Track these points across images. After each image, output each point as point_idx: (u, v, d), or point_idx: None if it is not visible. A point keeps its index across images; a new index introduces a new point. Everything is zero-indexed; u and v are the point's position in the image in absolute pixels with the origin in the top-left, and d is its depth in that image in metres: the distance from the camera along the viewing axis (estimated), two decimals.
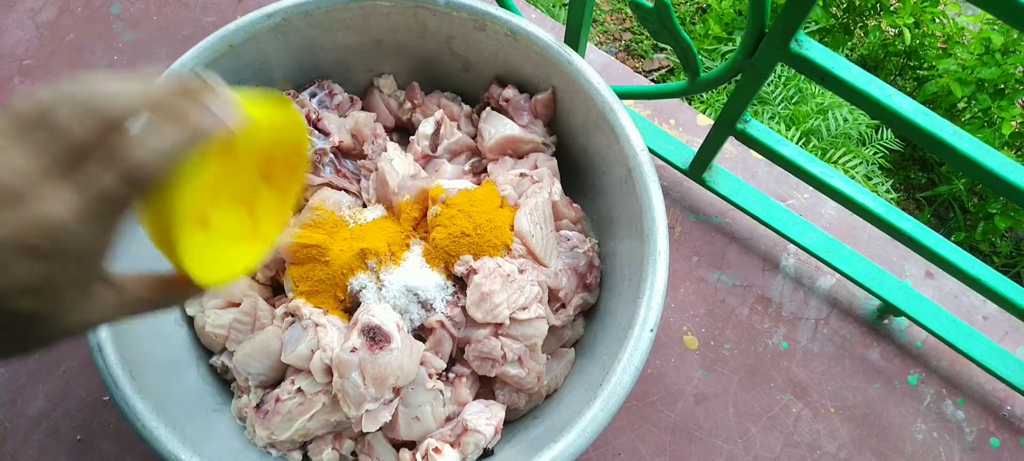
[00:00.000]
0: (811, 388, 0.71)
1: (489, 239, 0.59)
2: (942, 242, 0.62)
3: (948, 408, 0.71)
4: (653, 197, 0.55)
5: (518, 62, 0.66)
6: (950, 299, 0.75)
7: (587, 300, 0.64)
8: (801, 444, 0.69)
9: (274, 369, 0.57)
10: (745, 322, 0.73)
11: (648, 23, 0.58)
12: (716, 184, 0.75)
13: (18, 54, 0.85)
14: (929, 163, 1.65)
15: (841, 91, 0.52)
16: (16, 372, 0.69)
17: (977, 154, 0.48)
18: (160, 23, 0.87)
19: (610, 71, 0.87)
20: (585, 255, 0.63)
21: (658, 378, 0.71)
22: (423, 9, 0.63)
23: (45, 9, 0.88)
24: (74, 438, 0.67)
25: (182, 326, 0.62)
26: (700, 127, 0.84)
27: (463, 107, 0.71)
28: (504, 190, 0.63)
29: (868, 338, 0.73)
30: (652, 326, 0.51)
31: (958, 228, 1.54)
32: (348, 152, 0.67)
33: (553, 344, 0.62)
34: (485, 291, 0.55)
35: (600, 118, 0.60)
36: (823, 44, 0.56)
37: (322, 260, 0.59)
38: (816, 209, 0.79)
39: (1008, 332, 0.74)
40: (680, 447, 0.68)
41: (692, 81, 0.63)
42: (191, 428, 0.51)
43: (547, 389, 0.61)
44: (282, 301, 0.62)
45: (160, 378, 0.54)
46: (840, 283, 0.75)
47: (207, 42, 0.60)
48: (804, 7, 0.48)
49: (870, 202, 0.63)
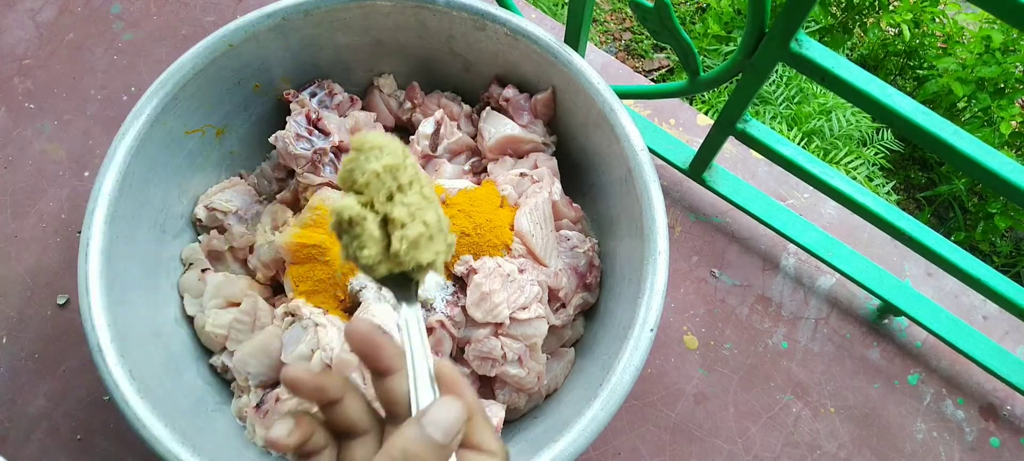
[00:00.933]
0: (811, 388, 0.71)
1: (489, 239, 0.59)
2: (942, 242, 0.62)
3: (948, 408, 0.71)
4: (653, 197, 0.55)
5: (518, 62, 0.66)
6: (950, 299, 0.75)
7: (587, 300, 0.64)
8: (801, 444, 0.69)
9: (274, 369, 0.57)
10: (745, 322, 0.73)
11: (648, 23, 0.58)
12: (716, 184, 0.75)
13: (18, 54, 0.85)
14: (929, 163, 1.65)
15: (841, 91, 0.52)
16: (16, 372, 0.69)
17: (977, 154, 0.48)
18: (160, 23, 0.87)
19: (610, 71, 0.87)
20: (585, 255, 0.63)
21: (658, 378, 0.71)
22: (423, 9, 0.63)
23: (45, 9, 0.88)
24: (74, 438, 0.67)
25: (182, 326, 0.62)
26: (700, 127, 0.84)
27: (463, 107, 0.71)
28: (504, 190, 0.63)
29: (868, 338, 0.73)
30: (652, 326, 0.51)
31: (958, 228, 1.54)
32: (348, 152, 0.67)
33: (553, 344, 0.62)
34: (485, 291, 0.55)
35: (600, 118, 0.60)
36: (823, 43, 0.56)
37: (322, 260, 0.59)
38: (816, 209, 0.79)
39: (1008, 332, 0.74)
40: (680, 447, 0.68)
41: (692, 81, 0.63)
42: (191, 428, 0.51)
43: (547, 389, 0.61)
44: (282, 301, 0.62)
45: (160, 378, 0.54)
46: (840, 283, 0.75)
47: (207, 42, 0.60)
48: (804, 6, 0.48)
49: (870, 202, 0.63)
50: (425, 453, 0.28)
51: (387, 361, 0.32)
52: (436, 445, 0.28)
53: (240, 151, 0.70)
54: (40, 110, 0.82)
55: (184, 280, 0.63)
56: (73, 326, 0.71)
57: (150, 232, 0.61)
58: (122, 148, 0.56)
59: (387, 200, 0.33)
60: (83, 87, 0.83)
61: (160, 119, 0.59)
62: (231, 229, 0.65)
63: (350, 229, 0.33)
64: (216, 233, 0.65)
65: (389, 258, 0.33)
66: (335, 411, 0.32)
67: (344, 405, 0.32)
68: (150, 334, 0.57)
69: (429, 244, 0.34)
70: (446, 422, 0.29)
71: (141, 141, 0.57)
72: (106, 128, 0.81)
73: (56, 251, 0.74)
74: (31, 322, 0.71)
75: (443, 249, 0.35)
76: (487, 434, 0.31)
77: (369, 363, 0.32)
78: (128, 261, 0.57)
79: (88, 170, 0.79)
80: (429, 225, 0.34)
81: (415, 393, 0.31)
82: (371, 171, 0.33)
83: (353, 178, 0.33)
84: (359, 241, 0.32)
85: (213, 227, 0.66)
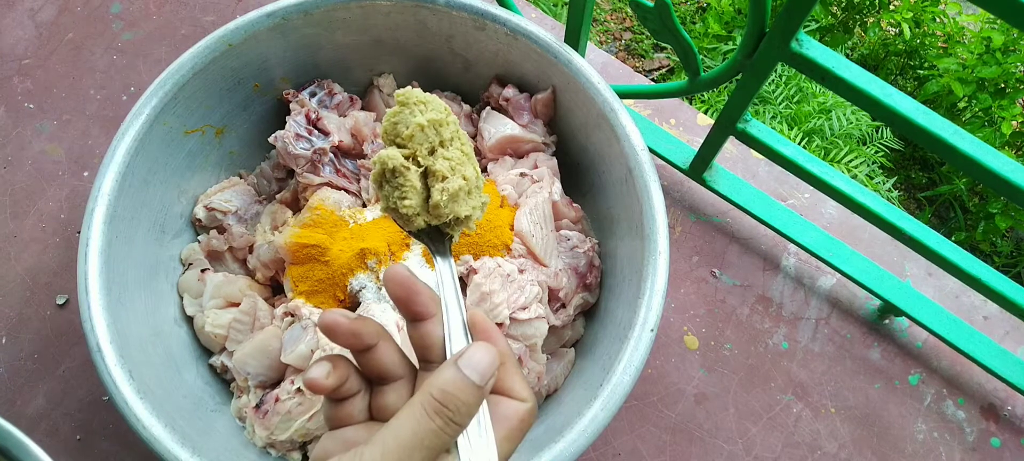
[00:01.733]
0: (811, 388, 0.71)
1: (489, 239, 0.59)
2: (943, 242, 0.62)
3: (949, 408, 0.71)
4: (653, 197, 0.55)
5: (518, 62, 0.65)
6: (951, 299, 0.75)
7: (587, 300, 0.63)
8: (801, 444, 0.69)
9: (274, 369, 0.57)
10: (745, 322, 0.73)
11: (648, 22, 0.58)
12: (716, 184, 0.75)
13: (17, 53, 0.85)
14: (930, 163, 1.65)
15: (842, 90, 0.51)
16: (16, 372, 0.69)
17: (978, 154, 0.48)
18: (159, 22, 0.87)
19: (610, 70, 0.86)
20: (585, 255, 0.63)
21: (658, 378, 0.71)
22: (423, 8, 0.63)
23: (45, 8, 0.88)
24: (74, 438, 0.67)
25: (181, 326, 0.62)
26: (700, 127, 0.84)
27: (463, 106, 0.71)
28: (504, 190, 0.63)
29: (869, 338, 0.73)
30: (652, 326, 0.51)
31: (959, 228, 1.54)
32: (348, 152, 0.67)
33: (553, 344, 0.62)
34: (485, 291, 0.55)
35: (600, 117, 0.60)
36: (823, 43, 0.56)
37: (322, 260, 0.59)
38: (816, 209, 0.79)
39: (1008, 332, 0.74)
40: (680, 447, 0.68)
41: (692, 81, 0.63)
42: (190, 428, 0.51)
43: (547, 389, 0.61)
44: (282, 301, 0.62)
45: (159, 378, 0.54)
46: (841, 283, 0.75)
47: (206, 42, 0.60)
48: (805, 6, 0.48)
49: (871, 202, 0.62)
50: (462, 393, 0.29)
51: (422, 306, 0.33)
52: (473, 386, 0.29)
53: (240, 151, 0.69)
54: (39, 110, 0.82)
55: (184, 280, 0.63)
56: (72, 326, 0.71)
57: (149, 232, 0.61)
58: (121, 148, 0.56)
59: (429, 154, 0.34)
60: (82, 87, 0.83)
61: (160, 119, 0.59)
62: (231, 229, 0.65)
63: (392, 179, 0.34)
64: (216, 233, 0.65)
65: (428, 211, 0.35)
66: (369, 357, 0.33)
67: (379, 351, 0.33)
68: (150, 334, 0.57)
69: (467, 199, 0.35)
70: (482, 365, 0.30)
71: (140, 141, 0.57)
72: (105, 128, 0.81)
73: (55, 251, 0.74)
74: (30, 322, 0.71)
75: (478, 205, 0.37)
76: (518, 381, 0.32)
77: (404, 307, 0.33)
78: (127, 261, 0.57)
79: (87, 170, 0.79)
80: (468, 180, 0.35)
81: (449, 340, 0.33)
82: (415, 124, 0.34)
83: (397, 131, 0.34)
84: (401, 191, 0.34)
85: (213, 227, 0.66)
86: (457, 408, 0.29)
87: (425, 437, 0.28)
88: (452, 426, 0.29)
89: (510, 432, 0.31)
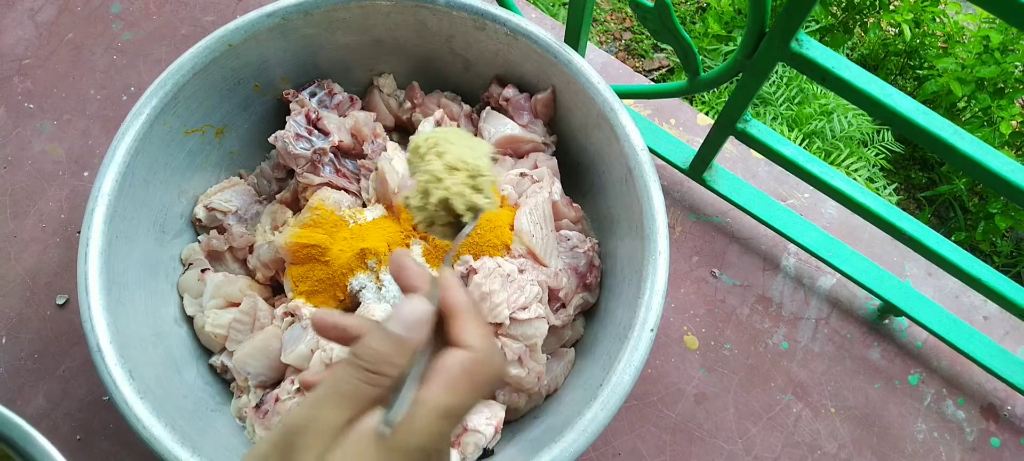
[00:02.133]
0: (811, 388, 0.71)
1: (489, 239, 0.59)
2: (942, 242, 0.62)
3: (948, 408, 0.71)
4: (653, 197, 0.55)
5: (518, 62, 0.65)
6: (951, 299, 0.75)
7: (587, 300, 0.63)
8: (801, 444, 0.69)
9: (274, 369, 0.57)
10: (745, 322, 0.73)
11: (648, 22, 0.58)
12: (716, 184, 0.75)
13: (17, 53, 0.85)
14: (930, 163, 1.65)
15: (841, 91, 0.51)
16: (16, 372, 0.69)
17: (977, 154, 0.48)
18: (159, 22, 0.87)
19: (610, 70, 0.87)
20: (585, 255, 0.63)
21: (658, 378, 0.71)
22: (423, 8, 0.63)
23: (44, 8, 0.88)
24: (74, 438, 0.67)
25: (181, 326, 0.62)
26: (700, 127, 0.84)
27: (463, 106, 0.71)
28: (504, 190, 0.63)
29: (869, 338, 0.73)
30: (652, 326, 0.51)
31: (958, 228, 1.54)
32: (348, 152, 0.67)
33: (553, 344, 0.62)
34: (485, 291, 0.55)
35: (600, 117, 0.60)
36: (823, 43, 0.56)
37: (322, 260, 0.59)
38: (816, 209, 0.79)
39: (1008, 332, 0.74)
40: (680, 447, 0.68)
41: (692, 81, 0.63)
42: (190, 428, 0.51)
43: (547, 389, 0.61)
44: (282, 301, 0.62)
45: (159, 378, 0.54)
46: (841, 283, 0.75)
47: (206, 42, 0.60)
48: (805, 6, 0.48)
49: (870, 202, 0.62)
50: (374, 342, 0.30)
51: (410, 280, 0.35)
52: (385, 336, 0.31)
53: (240, 151, 0.69)
54: (39, 110, 0.82)
55: (184, 280, 0.63)
56: (72, 326, 0.71)
57: (150, 232, 0.61)
58: (122, 148, 0.56)
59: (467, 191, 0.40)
60: (83, 87, 0.83)
61: (160, 119, 0.59)
62: (231, 229, 0.65)
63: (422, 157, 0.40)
64: (216, 233, 0.65)
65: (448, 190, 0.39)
66: None
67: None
68: (150, 334, 0.57)
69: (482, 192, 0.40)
70: (403, 315, 0.31)
71: (141, 141, 0.57)
72: (106, 128, 0.81)
73: (55, 251, 0.74)
74: (30, 322, 0.71)
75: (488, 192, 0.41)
76: (468, 330, 0.32)
77: (397, 282, 0.36)
78: (128, 261, 0.57)
79: (87, 170, 0.79)
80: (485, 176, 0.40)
81: None
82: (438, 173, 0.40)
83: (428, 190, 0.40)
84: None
85: (213, 227, 0.66)
86: (371, 358, 0.30)
87: (340, 385, 0.29)
88: (368, 375, 0.29)
89: (450, 380, 0.30)
